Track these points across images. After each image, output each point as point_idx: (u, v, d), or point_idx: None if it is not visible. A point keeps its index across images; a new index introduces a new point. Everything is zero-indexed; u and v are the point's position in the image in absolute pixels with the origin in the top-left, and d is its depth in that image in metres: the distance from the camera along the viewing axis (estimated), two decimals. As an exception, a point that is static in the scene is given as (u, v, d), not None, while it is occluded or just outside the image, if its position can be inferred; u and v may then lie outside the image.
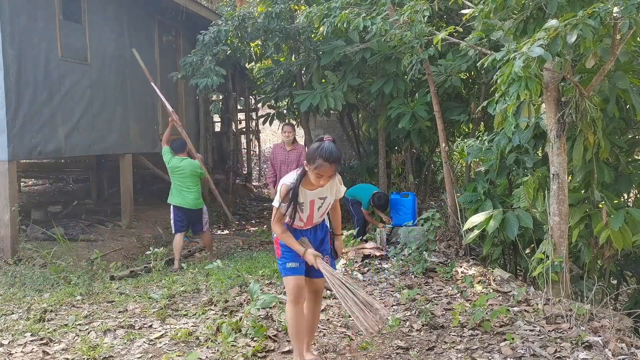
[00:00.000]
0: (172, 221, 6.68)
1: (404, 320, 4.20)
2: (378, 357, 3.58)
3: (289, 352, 3.59)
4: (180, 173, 6.57)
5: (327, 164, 3.02)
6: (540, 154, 5.54)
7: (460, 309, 4.30)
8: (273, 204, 3.27)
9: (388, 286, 5.06)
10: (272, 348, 3.66)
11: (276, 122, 11.02)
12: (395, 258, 5.65)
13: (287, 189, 3.16)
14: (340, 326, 4.10)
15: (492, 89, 4.81)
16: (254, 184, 13.65)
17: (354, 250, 5.93)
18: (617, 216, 4.52)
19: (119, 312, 4.42)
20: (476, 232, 5.27)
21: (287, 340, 3.76)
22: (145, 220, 8.73)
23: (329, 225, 3.54)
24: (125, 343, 3.78)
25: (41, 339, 3.81)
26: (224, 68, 8.22)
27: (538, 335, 3.81)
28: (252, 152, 13.62)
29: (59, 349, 3.68)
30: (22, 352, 3.62)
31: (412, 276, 5.31)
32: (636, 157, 5.94)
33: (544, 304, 4.29)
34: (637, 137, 5.75)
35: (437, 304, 4.52)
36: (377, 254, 5.89)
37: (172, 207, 6.66)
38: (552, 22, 3.50)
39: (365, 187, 7.63)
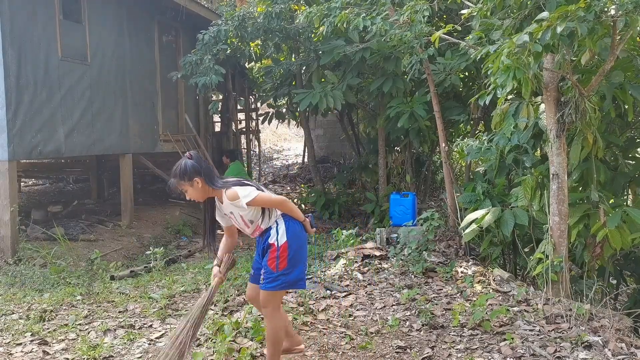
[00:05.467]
0: None
1: (403, 320, 4.20)
2: (378, 357, 3.59)
3: (289, 352, 3.59)
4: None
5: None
6: (539, 154, 5.54)
7: (460, 309, 4.31)
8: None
9: (388, 286, 5.06)
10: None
11: (276, 121, 11.04)
12: (395, 258, 5.66)
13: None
14: (340, 326, 4.10)
15: (485, 81, 4.80)
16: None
17: (354, 250, 5.93)
18: (614, 215, 4.52)
19: (119, 312, 4.42)
20: (474, 226, 5.26)
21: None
22: (145, 220, 8.73)
23: (272, 242, 3.06)
24: (125, 343, 3.78)
25: (41, 339, 3.81)
26: (223, 68, 8.22)
27: (538, 335, 3.81)
28: (252, 152, 13.61)
29: (59, 349, 3.68)
30: (22, 352, 3.63)
31: (412, 276, 5.31)
32: (636, 155, 5.93)
33: (544, 304, 4.29)
34: (635, 137, 5.74)
35: (437, 304, 4.52)
36: (377, 253, 5.89)
37: None
38: (544, 14, 3.48)
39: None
